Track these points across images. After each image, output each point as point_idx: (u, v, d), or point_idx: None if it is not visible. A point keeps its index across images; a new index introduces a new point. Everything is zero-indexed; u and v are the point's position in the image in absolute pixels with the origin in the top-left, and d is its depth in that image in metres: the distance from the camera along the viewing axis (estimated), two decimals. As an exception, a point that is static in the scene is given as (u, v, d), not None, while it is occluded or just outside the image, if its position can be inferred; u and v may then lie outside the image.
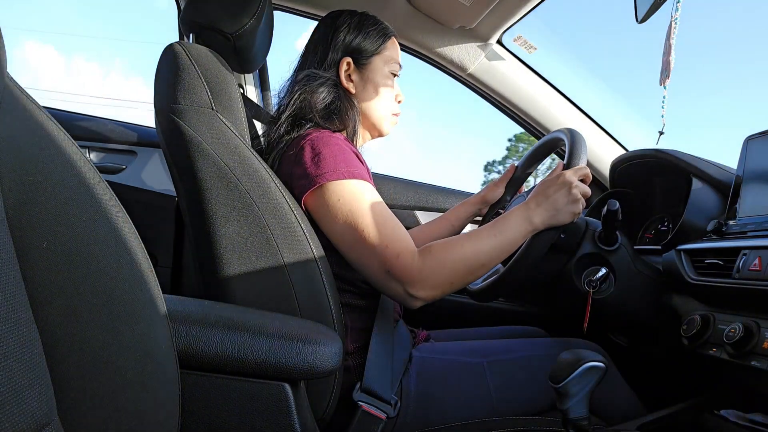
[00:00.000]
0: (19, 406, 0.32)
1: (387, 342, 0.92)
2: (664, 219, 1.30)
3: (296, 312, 0.81)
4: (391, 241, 0.81)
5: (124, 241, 0.45)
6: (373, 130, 1.06)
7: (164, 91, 0.87)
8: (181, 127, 0.82)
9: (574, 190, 0.86)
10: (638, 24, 1.00)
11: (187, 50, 0.86)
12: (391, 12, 1.39)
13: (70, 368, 0.39)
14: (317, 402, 0.80)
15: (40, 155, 0.39)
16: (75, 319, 0.40)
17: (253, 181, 0.81)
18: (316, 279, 0.82)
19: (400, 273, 0.81)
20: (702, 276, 0.90)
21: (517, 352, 1.00)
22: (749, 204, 0.95)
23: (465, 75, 1.53)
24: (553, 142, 1.09)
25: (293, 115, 0.95)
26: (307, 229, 0.83)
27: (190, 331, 0.58)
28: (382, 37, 1.02)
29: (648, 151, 1.27)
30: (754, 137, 0.99)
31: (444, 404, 0.92)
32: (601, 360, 0.72)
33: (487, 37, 1.44)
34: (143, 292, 0.47)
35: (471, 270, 0.84)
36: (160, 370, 0.48)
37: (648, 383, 1.13)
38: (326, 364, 0.62)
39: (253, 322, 0.62)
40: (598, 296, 0.98)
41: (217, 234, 0.81)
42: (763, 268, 0.77)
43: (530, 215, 0.87)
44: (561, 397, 0.72)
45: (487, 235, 0.85)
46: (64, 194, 0.41)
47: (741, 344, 0.77)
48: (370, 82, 1.01)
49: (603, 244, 0.98)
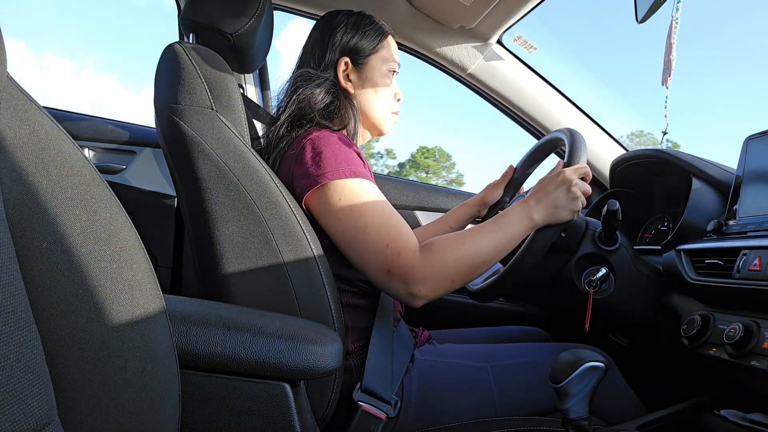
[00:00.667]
0: (19, 406, 0.32)
1: (387, 342, 0.92)
2: (664, 219, 1.30)
3: (296, 312, 0.81)
4: (392, 239, 0.81)
5: (124, 241, 0.45)
6: (372, 128, 1.06)
7: (164, 91, 0.87)
8: (181, 128, 0.82)
9: (574, 188, 0.86)
10: (638, 24, 1.00)
11: (187, 50, 0.86)
12: (390, 12, 1.39)
13: (70, 368, 0.39)
14: (317, 402, 0.80)
15: (40, 155, 0.39)
16: (75, 319, 0.40)
17: (253, 181, 0.81)
18: (316, 279, 0.82)
19: (401, 271, 0.80)
20: (702, 276, 0.90)
21: (521, 357, 1.00)
22: (749, 204, 0.95)
23: (465, 75, 1.53)
24: (553, 142, 1.09)
25: (293, 115, 0.95)
26: (307, 229, 0.83)
27: (190, 331, 0.58)
28: (379, 36, 1.02)
29: (648, 151, 1.27)
30: (754, 137, 0.99)
31: (445, 407, 0.91)
32: (601, 360, 0.72)
33: (487, 37, 1.44)
34: (143, 292, 0.47)
35: (473, 267, 0.83)
36: (160, 370, 0.48)
37: (648, 383, 1.13)
38: (326, 364, 0.62)
39: (253, 322, 0.62)
40: (599, 296, 0.98)
41: (217, 234, 0.81)
42: (763, 268, 0.77)
43: (530, 212, 0.87)
44: (561, 397, 0.72)
45: (488, 231, 0.85)
46: (64, 194, 0.41)
47: (741, 344, 0.77)
48: (369, 82, 1.01)
49: (603, 244, 0.98)
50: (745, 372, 0.78)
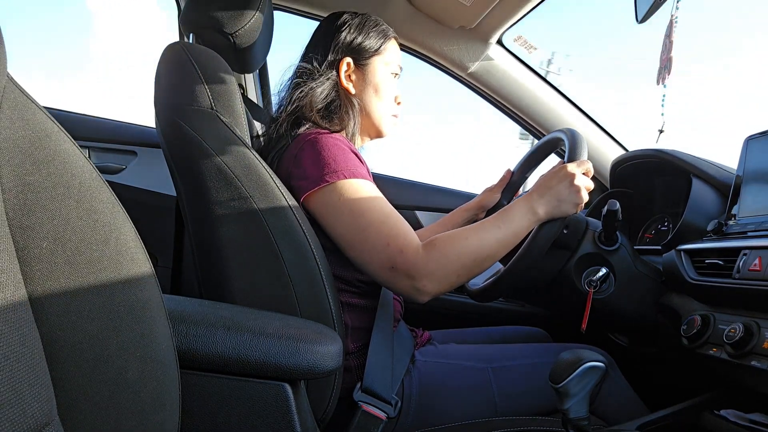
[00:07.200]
0: (19, 406, 0.32)
1: (388, 342, 0.92)
2: (664, 219, 1.30)
3: (296, 312, 0.81)
4: (393, 237, 0.81)
5: (124, 241, 0.45)
6: (372, 130, 1.06)
7: (164, 91, 0.87)
8: (181, 128, 0.82)
9: (576, 181, 0.86)
10: (638, 24, 1.00)
11: (187, 50, 0.86)
12: (391, 12, 1.40)
13: (70, 368, 0.39)
14: (317, 402, 0.80)
15: (40, 155, 0.39)
16: (75, 319, 0.40)
17: (253, 181, 0.81)
18: (316, 279, 0.82)
19: (405, 268, 0.80)
20: (702, 276, 0.90)
21: (522, 358, 1.00)
22: (749, 204, 0.95)
23: (465, 75, 1.53)
24: (552, 142, 1.09)
25: (293, 114, 0.95)
26: (307, 229, 0.83)
27: (190, 331, 0.58)
28: (382, 37, 1.02)
29: (648, 151, 1.27)
30: (754, 137, 0.99)
31: (446, 407, 0.92)
32: (601, 360, 0.72)
33: (487, 38, 1.44)
34: (143, 292, 0.47)
35: (477, 262, 0.83)
36: (160, 370, 0.48)
37: (648, 383, 1.13)
38: (326, 364, 0.62)
39: (253, 322, 0.62)
40: (599, 296, 0.98)
41: (217, 234, 0.81)
42: (763, 268, 0.77)
43: (533, 206, 0.87)
44: (561, 397, 0.72)
45: (491, 226, 0.86)
46: (64, 194, 0.41)
47: (741, 344, 0.77)
48: (370, 83, 1.01)
49: (603, 244, 0.98)
50: (745, 372, 0.78)
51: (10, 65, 0.38)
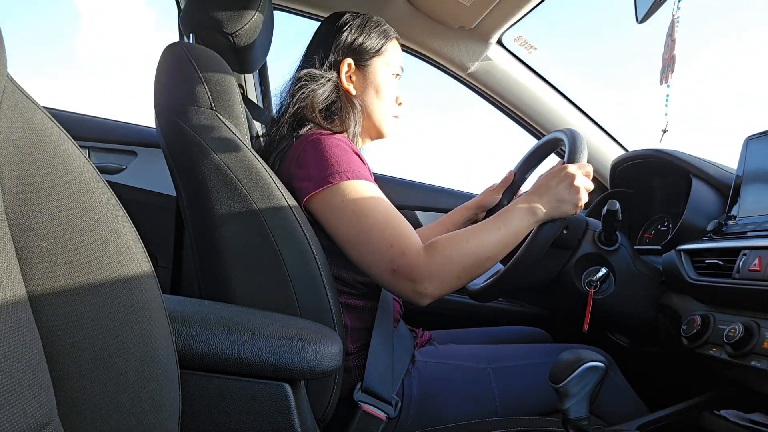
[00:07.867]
0: (20, 406, 0.32)
1: (387, 342, 0.92)
2: (664, 219, 1.30)
3: (296, 312, 0.81)
4: (395, 239, 0.81)
5: (124, 241, 0.45)
6: (373, 131, 1.06)
7: (164, 91, 0.86)
8: (181, 128, 0.82)
9: (576, 182, 0.86)
10: (638, 24, 1.00)
11: (187, 50, 0.86)
12: (391, 12, 1.39)
13: (70, 368, 0.39)
14: (317, 402, 0.80)
15: (40, 155, 0.39)
16: (75, 320, 0.40)
17: (253, 181, 0.81)
18: (316, 279, 0.82)
19: (407, 270, 0.80)
20: (702, 276, 0.90)
21: (522, 358, 1.00)
22: (749, 204, 0.95)
23: (465, 75, 1.53)
24: (552, 142, 1.09)
25: (294, 115, 0.95)
26: (307, 229, 0.83)
27: (190, 331, 0.58)
28: (384, 38, 1.02)
29: (648, 151, 1.27)
30: (754, 137, 0.99)
31: (446, 408, 0.92)
32: (601, 360, 0.72)
33: (487, 38, 1.44)
34: (143, 292, 0.47)
35: (478, 263, 0.83)
36: (160, 370, 0.48)
37: (648, 383, 1.13)
38: (326, 364, 0.62)
39: (253, 322, 0.62)
40: (599, 296, 0.98)
41: (217, 234, 0.81)
42: (763, 268, 0.77)
43: (533, 206, 0.87)
44: (561, 398, 0.72)
45: (492, 227, 0.86)
46: (64, 194, 0.41)
47: (741, 344, 0.77)
48: (371, 84, 1.01)
49: (603, 244, 0.98)
50: (745, 372, 0.78)
51: (10, 66, 0.38)
